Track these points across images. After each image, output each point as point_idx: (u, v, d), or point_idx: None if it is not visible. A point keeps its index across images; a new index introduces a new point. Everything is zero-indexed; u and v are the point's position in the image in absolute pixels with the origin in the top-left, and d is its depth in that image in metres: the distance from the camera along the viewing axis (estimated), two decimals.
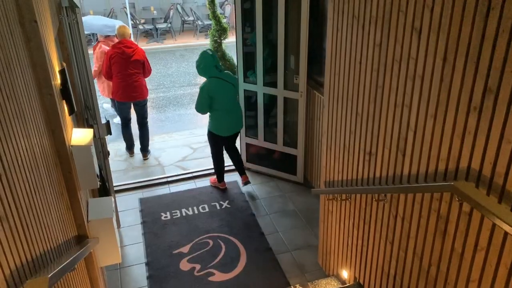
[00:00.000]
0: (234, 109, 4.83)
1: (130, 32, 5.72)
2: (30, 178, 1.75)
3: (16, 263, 1.40)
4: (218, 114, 4.75)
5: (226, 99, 4.70)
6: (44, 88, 2.31)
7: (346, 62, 3.08)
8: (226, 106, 4.72)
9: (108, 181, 4.18)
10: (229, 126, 4.84)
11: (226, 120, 4.79)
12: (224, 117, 4.77)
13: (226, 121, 4.80)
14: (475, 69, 1.91)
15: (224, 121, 4.79)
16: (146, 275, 3.97)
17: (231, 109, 4.78)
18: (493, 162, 1.87)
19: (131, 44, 5.58)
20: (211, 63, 4.62)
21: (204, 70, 4.65)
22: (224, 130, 4.85)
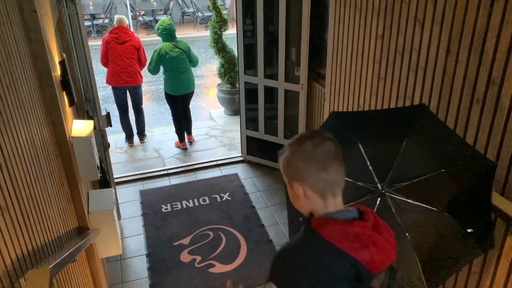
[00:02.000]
0: (184, 72, 5.63)
1: (127, 22, 5.86)
2: (30, 169, 1.75)
3: (17, 253, 1.40)
4: (169, 75, 5.61)
5: (176, 62, 5.53)
6: (44, 79, 2.29)
7: (348, 54, 3.06)
8: (176, 68, 5.55)
9: (109, 173, 4.18)
10: (179, 86, 5.66)
11: (176, 80, 5.62)
12: (174, 78, 5.61)
13: (176, 81, 5.62)
14: (479, 61, 1.90)
15: (174, 81, 5.62)
16: (147, 267, 3.98)
17: (180, 72, 5.60)
18: (496, 154, 1.86)
19: (128, 31, 5.74)
20: (168, 31, 5.51)
21: (161, 34, 5.57)
22: (174, 89, 5.67)
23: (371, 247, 1.18)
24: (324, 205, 1.24)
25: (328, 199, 1.24)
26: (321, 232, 1.19)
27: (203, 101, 8.76)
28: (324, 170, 1.21)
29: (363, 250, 1.17)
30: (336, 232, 1.18)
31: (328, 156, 1.21)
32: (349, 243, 1.17)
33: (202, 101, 8.75)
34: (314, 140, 1.22)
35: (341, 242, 1.17)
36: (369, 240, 1.19)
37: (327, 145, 1.22)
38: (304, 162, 1.22)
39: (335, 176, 1.23)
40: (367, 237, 1.19)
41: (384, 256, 1.21)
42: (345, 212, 1.25)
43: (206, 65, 10.63)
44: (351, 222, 1.21)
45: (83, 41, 3.60)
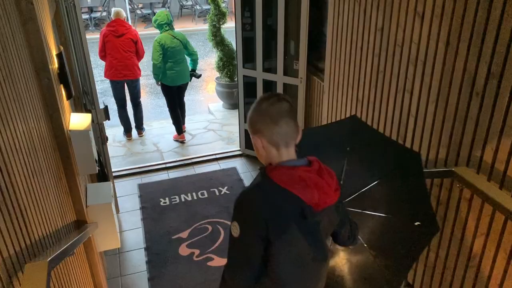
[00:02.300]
0: (181, 63, 5.70)
1: (125, 15, 5.85)
2: (27, 162, 1.74)
3: (15, 247, 1.39)
4: (166, 66, 5.63)
5: (174, 53, 5.60)
6: (42, 72, 2.28)
7: (347, 47, 3.04)
8: (174, 59, 5.60)
9: (107, 167, 4.17)
10: (176, 77, 5.70)
11: (173, 71, 5.65)
12: (171, 69, 5.64)
13: (173, 72, 5.66)
14: (479, 54, 1.89)
15: (171, 72, 5.65)
16: (145, 260, 3.99)
17: (177, 62, 5.65)
18: (495, 148, 1.86)
19: (125, 24, 5.71)
20: (164, 21, 5.58)
21: (159, 25, 5.63)
22: (171, 80, 5.70)
23: (313, 187, 1.40)
24: (278, 154, 1.45)
25: (281, 149, 1.44)
26: (271, 176, 1.41)
27: (201, 95, 8.73)
28: (276, 125, 1.42)
29: (306, 190, 1.39)
30: (283, 175, 1.40)
31: (281, 113, 1.42)
32: (294, 185, 1.38)
33: (201, 95, 8.73)
34: (270, 100, 1.45)
35: (287, 183, 1.38)
36: (311, 182, 1.40)
37: (281, 104, 1.44)
38: (261, 117, 1.44)
39: (287, 129, 1.43)
40: (309, 180, 1.40)
41: (325, 196, 1.43)
42: (295, 160, 1.46)
43: (205, 58, 10.59)
44: (297, 167, 1.42)
45: (80, 34, 3.58)
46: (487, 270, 2.02)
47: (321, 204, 1.42)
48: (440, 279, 2.39)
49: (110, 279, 3.79)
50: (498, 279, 1.94)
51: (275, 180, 1.39)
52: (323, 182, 1.44)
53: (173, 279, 3.76)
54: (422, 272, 2.54)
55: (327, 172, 1.48)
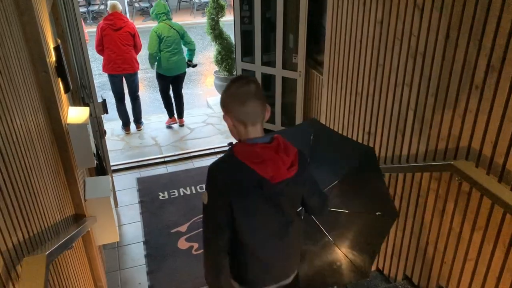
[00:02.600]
0: (177, 53, 5.73)
1: (121, 7, 5.83)
2: (25, 155, 1.73)
3: (13, 240, 1.39)
4: (163, 56, 5.67)
5: (170, 42, 5.64)
6: (39, 65, 2.26)
7: (346, 40, 3.03)
8: (170, 49, 5.65)
9: (105, 161, 4.16)
10: (171, 67, 5.75)
11: (169, 61, 5.70)
12: (168, 59, 5.68)
13: (169, 62, 5.70)
14: (479, 46, 1.88)
15: (167, 61, 5.70)
16: (144, 254, 3.99)
17: (174, 53, 5.69)
18: (494, 141, 1.86)
19: (122, 17, 5.67)
20: (162, 11, 5.65)
21: (156, 16, 5.70)
22: (167, 70, 5.77)
23: (268, 162, 1.56)
24: (245, 132, 1.59)
25: (248, 127, 1.58)
26: (235, 151, 1.59)
27: (200, 88, 8.71)
28: (243, 105, 1.55)
29: (262, 165, 1.55)
30: (244, 151, 1.57)
31: (247, 95, 1.55)
32: (251, 159, 1.55)
33: (199, 88, 8.71)
34: (238, 83, 1.58)
35: (246, 158, 1.56)
36: (267, 157, 1.56)
37: (248, 86, 1.56)
38: (230, 98, 1.58)
39: (253, 109, 1.56)
40: (264, 155, 1.56)
41: (279, 170, 1.57)
42: (259, 138, 1.60)
43: (203, 52, 10.56)
44: (257, 144, 1.57)
45: (78, 27, 3.55)
46: (485, 263, 2.02)
47: (276, 177, 1.58)
48: (438, 272, 2.39)
49: (109, 273, 3.80)
50: (497, 272, 1.95)
51: (237, 155, 1.58)
52: (278, 158, 1.57)
53: (172, 273, 3.76)
54: (421, 266, 2.54)
55: (285, 149, 1.61)
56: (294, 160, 1.62)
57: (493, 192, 1.79)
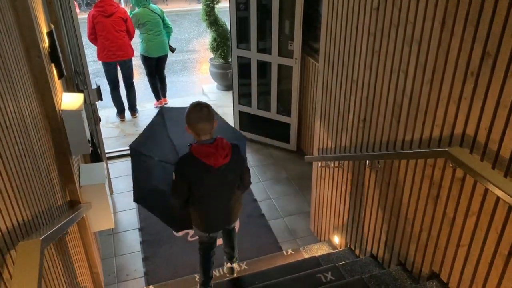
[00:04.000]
0: (159, 35, 6.04)
1: None
2: (19, 140, 1.72)
3: (7, 225, 1.38)
4: (145, 38, 5.99)
5: (152, 25, 5.91)
6: (32, 50, 2.24)
7: (342, 27, 3.01)
8: (152, 31, 5.94)
9: (100, 148, 4.15)
10: (155, 48, 6.05)
11: (152, 43, 6.01)
12: (150, 40, 6.00)
13: (152, 43, 6.01)
14: (474, 33, 1.87)
15: (150, 43, 6.01)
16: (140, 241, 4.01)
17: (156, 35, 5.99)
18: (488, 128, 1.86)
19: (112, 2, 5.61)
20: None
21: (136, 2, 5.96)
22: (150, 52, 6.06)
23: (211, 156, 2.43)
24: (199, 138, 2.47)
25: (200, 135, 2.46)
26: (192, 150, 2.46)
27: (195, 76, 8.67)
28: (197, 124, 2.42)
29: (207, 158, 2.42)
30: (196, 149, 2.44)
31: (200, 117, 2.41)
32: (200, 154, 2.42)
33: (194, 76, 8.66)
34: (195, 109, 2.43)
35: (198, 154, 2.43)
36: (210, 153, 2.43)
37: (201, 112, 2.42)
38: (189, 119, 2.44)
39: (203, 127, 2.42)
40: (207, 151, 2.43)
41: (218, 160, 2.44)
42: (206, 141, 2.46)
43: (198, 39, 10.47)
44: (204, 145, 2.44)
45: (71, 13, 3.51)
46: (478, 248, 2.04)
47: (216, 164, 2.45)
48: (431, 258, 2.42)
49: (105, 259, 3.82)
50: (489, 258, 1.97)
51: (193, 152, 2.45)
52: (216, 152, 2.43)
53: (168, 259, 3.79)
54: (414, 252, 2.57)
55: (221, 146, 2.46)
56: (228, 152, 2.49)
57: (486, 178, 1.80)
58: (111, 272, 3.69)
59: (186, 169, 2.48)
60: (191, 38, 10.45)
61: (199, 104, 2.43)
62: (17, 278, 1.29)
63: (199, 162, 2.42)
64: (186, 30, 10.96)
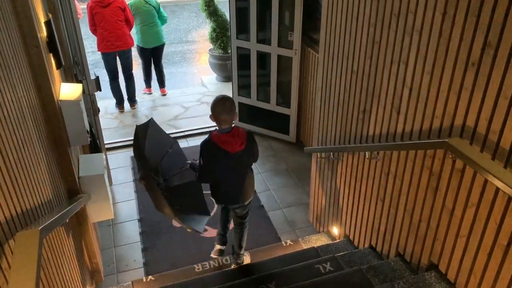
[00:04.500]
0: (154, 26, 6.05)
1: None
2: (17, 130, 1.71)
3: (6, 215, 1.38)
4: (141, 29, 6.02)
5: (147, 16, 5.95)
6: (30, 40, 2.22)
7: (342, 18, 2.99)
8: (147, 22, 5.98)
9: (99, 138, 4.14)
10: (150, 39, 6.10)
11: (147, 33, 6.05)
12: (146, 31, 6.04)
13: (147, 34, 6.06)
14: (476, 23, 1.86)
15: (146, 34, 6.05)
16: (139, 231, 4.01)
17: (151, 25, 6.03)
18: (489, 118, 1.86)
19: None
20: None
21: None
22: (146, 42, 6.11)
23: (229, 143, 2.81)
24: (220, 126, 2.84)
25: (221, 124, 2.83)
26: (212, 136, 2.84)
27: (194, 67, 8.63)
28: (220, 114, 2.79)
29: (225, 144, 2.80)
30: (216, 136, 2.82)
31: (224, 110, 2.78)
32: (219, 141, 2.81)
33: (194, 67, 8.63)
34: (221, 101, 2.79)
35: (217, 140, 2.81)
36: (227, 140, 2.81)
37: (224, 105, 2.78)
38: (214, 110, 2.80)
39: (225, 118, 2.79)
40: (226, 139, 2.81)
41: (235, 146, 2.82)
42: (225, 129, 2.83)
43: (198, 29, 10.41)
44: (223, 133, 2.82)
45: (69, 3, 3.48)
46: (476, 239, 2.04)
47: (233, 150, 2.83)
48: (430, 249, 2.42)
49: (104, 250, 3.82)
50: (488, 248, 1.97)
51: (213, 138, 2.83)
52: (233, 140, 2.81)
53: (167, 250, 3.79)
54: (413, 243, 2.57)
55: (237, 135, 2.84)
56: (244, 140, 2.86)
57: (486, 169, 1.80)
58: (110, 263, 3.70)
59: (209, 155, 2.88)
60: (190, 28, 10.40)
61: (224, 98, 2.80)
62: (15, 268, 1.29)
63: (218, 148, 2.79)
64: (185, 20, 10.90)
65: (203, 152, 2.89)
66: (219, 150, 2.79)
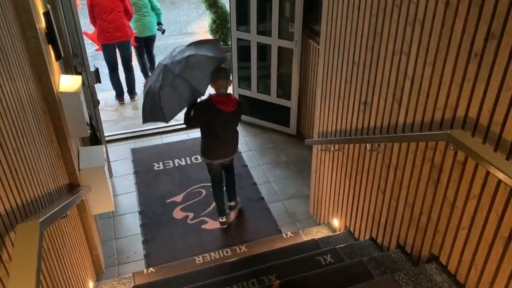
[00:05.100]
0: (147, 16, 6.14)
1: None
2: (16, 122, 1.70)
3: (6, 207, 1.37)
4: (134, 18, 6.01)
5: (138, 6, 5.99)
6: (28, 31, 2.20)
7: (343, 8, 2.97)
8: (140, 11, 6.05)
9: (99, 131, 4.13)
10: (143, 28, 6.16)
11: (140, 23, 6.11)
12: (138, 21, 6.10)
13: (140, 24, 6.12)
14: (479, 14, 1.84)
15: (138, 23, 6.11)
16: (140, 223, 4.02)
17: (144, 15, 6.11)
18: (491, 110, 1.84)
19: None
20: None
21: None
22: (139, 32, 6.15)
23: (224, 103, 3.40)
24: (217, 91, 3.45)
25: (219, 89, 3.44)
26: (210, 97, 3.42)
27: None
28: (218, 80, 3.41)
29: (221, 104, 3.39)
30: (214, 98, 3.42)
31: (220, 76, 3.40)
32: (217, 102, 3.42)
33: None
34: (218, 70, 3.42)
35: (214, 101, 3.41)
36: (223, 101, 3.40)
37: (221, 72, 3.42)
38: (213, 77, 3.43)
39: (221, 83, 3.41)
40: (223, 100, 3.41)
41: (228, 107, 3.42)
42: (222, 93, 3.43)
43: (197, 21, 10.35)
44: (219, 95, 3.43)
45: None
46: (478, 231, 2.04)
47: (226, 110, 3.41)
48: (431, 241, 2.42)
49: (105, 242, 3.83)
50: (489, 240, 1.97)
51: (212, 99, 3.40)
52: (227, 101, 3.42)
53: (168, 242, 3.80)
54: (414, 234, 2.57)
55: (231, 99, 3.46)
56: (235, 103, 3.47)
57: (488, 161, 1.79)
58: (111, 255, 3.71)
59: (204, 111, 3.45)
60: (190, 20, 10.34)
61: (221, 68, 3.47)
62: (16, 260, 1.29)
63: (215, 106, 3.39)
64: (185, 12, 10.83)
65: (199, 107, 3.48)
66: (214, 109, 3.39)
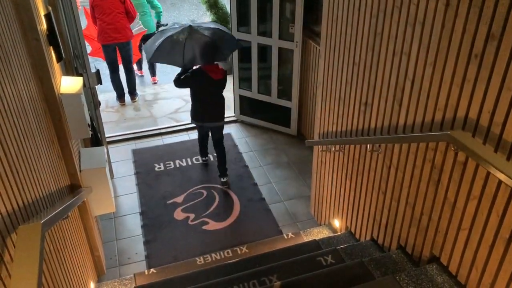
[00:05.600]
0: (144, 15, 6.36)
1: None
2: (17, 123, 1.70)
3: (7, 208, 1.38)
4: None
5: (137, 6, 6.09)
6: (30, 32, 2.21)
7: (344, 9, 2.97)
8: (138, 11, 6.16)
9: (100, 132, 4.14)
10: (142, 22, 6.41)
11: (141, 19, 6.37)
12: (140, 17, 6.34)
13: (141, 19, 6.37)
14: (479, 15, 1.84)
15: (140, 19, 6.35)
16: (141, 224, 4.02)
17: (141, 14, 6.32)
18: (492, 111, 1.84)
19: None
20: None
21: None
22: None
23: (214, 72, 4.01)
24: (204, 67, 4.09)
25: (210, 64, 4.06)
26: (202, 67, 4.05)
27: None
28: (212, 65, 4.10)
29: (211, 72, 4.00)
30: (205, 67, 4.02)
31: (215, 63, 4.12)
32: (208, 70, 4.00)
33: None
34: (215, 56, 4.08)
35: (206, 69, 4.00)
36: (213, 70, 4.02)
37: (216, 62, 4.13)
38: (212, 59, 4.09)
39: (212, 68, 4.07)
40: (214, 69, 4.03)
41: (217, 75, 4.03)
42: (212, 64, 4.03)
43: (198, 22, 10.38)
44: (211, 65, 4.03)
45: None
46: (478, 232, 2.04)
47: (216, 77, 3.98)
48: (432, 242, 2.42)
49: (106, 243, 3.83)
50: (490, 241, 1.97)
51: (203, 68, 3.99)
52: (217, 70, 4.00)
53: (169, 243, 3.80)
54: (414, 235, 2.57)
55: (220, 68, 4.02)
56: (223, 73, 4.02)
57: (489, 162, 1.79)
58: (112, 256, 3.71)
59: (196, 77, 4.00)
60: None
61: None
62: (18, 261, 1.29)
63: (206, 74, 3.95)
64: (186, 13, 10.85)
65: (191, 75, 4.00)
66: (205, 76, 3.95)
